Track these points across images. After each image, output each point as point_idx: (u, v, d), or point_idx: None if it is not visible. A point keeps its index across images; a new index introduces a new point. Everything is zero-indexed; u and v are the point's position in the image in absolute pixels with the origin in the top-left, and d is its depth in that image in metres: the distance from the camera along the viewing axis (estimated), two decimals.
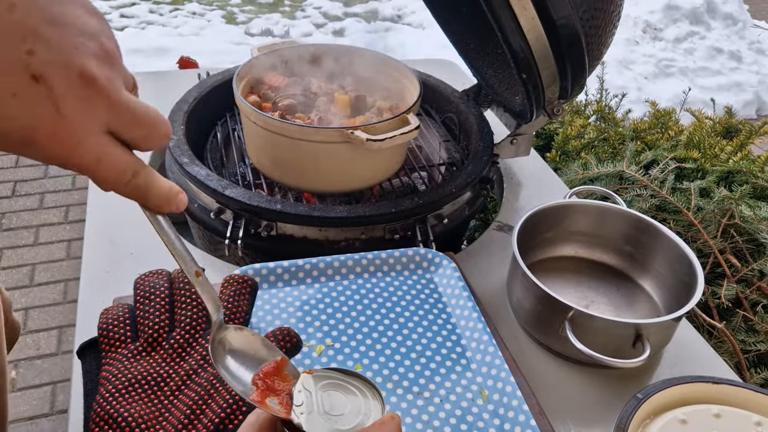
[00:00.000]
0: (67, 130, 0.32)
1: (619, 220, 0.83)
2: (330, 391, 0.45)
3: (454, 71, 1.38)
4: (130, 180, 0.37)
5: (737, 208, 1.10)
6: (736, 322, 1.01)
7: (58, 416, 1.55)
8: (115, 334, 0.57)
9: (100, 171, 0.35)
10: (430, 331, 0.68)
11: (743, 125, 1.46)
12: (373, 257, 0.75)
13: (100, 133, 0.34)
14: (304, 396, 0.44)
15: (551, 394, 0.68)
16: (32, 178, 2.34)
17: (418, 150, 1.01)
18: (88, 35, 0.33)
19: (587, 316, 0.67)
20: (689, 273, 0.73)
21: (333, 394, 0.45)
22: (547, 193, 1.03)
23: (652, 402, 0.60)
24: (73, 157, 0.33)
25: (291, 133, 0.81)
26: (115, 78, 0.34)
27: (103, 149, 0.34)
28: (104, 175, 0.35)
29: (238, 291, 0.61)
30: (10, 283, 1.88)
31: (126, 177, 0.36)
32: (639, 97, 3.04)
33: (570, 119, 1.51)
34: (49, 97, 0.31)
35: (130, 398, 0.52)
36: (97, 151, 0.34)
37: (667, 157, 1.24)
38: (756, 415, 0.60)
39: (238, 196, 0.80)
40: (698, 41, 3.88)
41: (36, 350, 1.70)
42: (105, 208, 0.90)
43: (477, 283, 0.80)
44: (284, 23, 3.90)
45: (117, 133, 0.35)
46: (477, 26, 0.96)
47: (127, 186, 0.37)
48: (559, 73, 0.79)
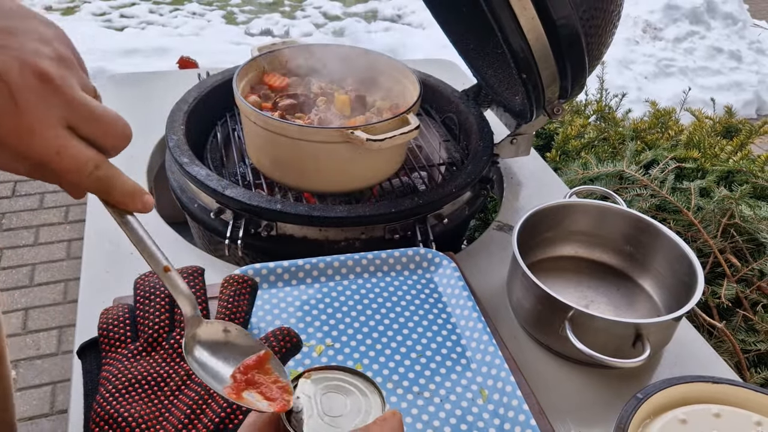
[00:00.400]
0: (26, 122, 0.35)
1: (619, 220, 0.83)
2: (329, 393, 0.45)
3: (454, 71, 1.38)
4: (92, 172, 0.38)
5: (737, 207, 1.10)
6: (736, 321, 1.01)
7: (58, 416, 1.55)
8: (115, 334, 0.57)
9: (62, 162, 0.37)
10: (430, 331, 0.68)
11: (743, 125, 1.46)
12: (373, 257, 0.75)
13: (58, 127, 0.36)
14: (302, 401, 0.44)
15: (551, 394, 0.68)
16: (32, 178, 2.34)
17: (418, 150, 1.01)
18: (44, 42, 0.36)
19: (587, 316, 0.67)
20: (689, 273, 0.73)
21: (332, 396, 0.45)
22: (547, 192, 1.03)
23: (652, 402, 0.60)
24: (34, 149, 0.36)
25: (291, 133, 0.81)
26: (70, 77, 0.37)
27: (61, 142, 0.36)
28: (65, 166, 0.37)
29: (238, 291, 0.62)
30: (10, 283, 1.88)
31: (88, 168, 0.38)
32: (639, 96, 3.04)
33: (570, 119, 1.51)
34: (8, 93, 0.34)
35: (130, 398, 0.52)
36: (56, 143, 0.36)
37: (667, 156, 1.24)
38: (756, 415, 0.60)
39: (238, 196, 0.80)
40: (698, 41, 3.87)
41: (36, 350, 1.70)
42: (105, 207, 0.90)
43: (477, 282, 0.80)
44: (284, 23, 3.90)
45: (76, 128, 0.37)
46: (477, 26, 0.96)
47: (89, 178, 0.38)
48: (559, 72, 0.79)
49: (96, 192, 0.40)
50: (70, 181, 0.39)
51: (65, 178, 0.38)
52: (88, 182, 0.39)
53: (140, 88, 1.19)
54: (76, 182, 0.39)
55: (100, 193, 0.40)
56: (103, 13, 3.90)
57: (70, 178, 0.38)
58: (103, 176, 0.39)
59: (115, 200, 0.41)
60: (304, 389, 0.45)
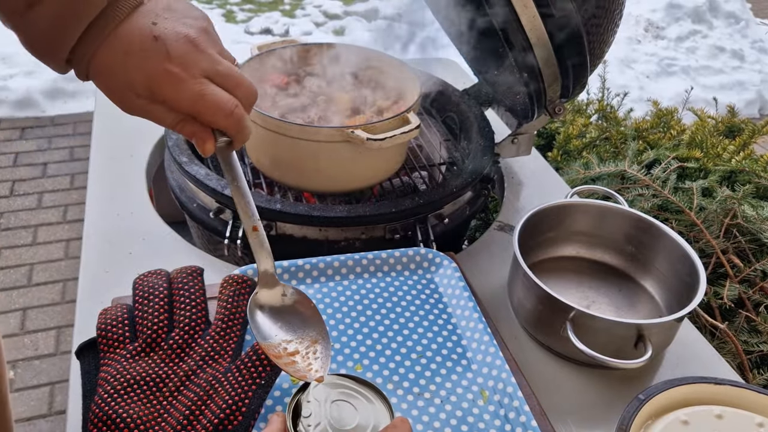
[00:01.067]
0: (176, 71, 0.45)
1: (620, 220, 0.82)
2: (339, 402, 0.44)
3: (455, 70, 1.38)
4: (233, 111, 0.48)
5: (740, 207, 1.10)
6: (739, 322, 1.01)
7: (57, 417, 1.54)
8: (113, 335, 0.57)
9: (206, 103, 0.47)
10: (430, 331, 0.67)
11: (746, 124, 1.46)
12: (374, 257, 0.74)
13: (200, 77, 0.47)
14: (313, 407, 0.43)
15: (552, 395, 0.68)
16: (30, 178, 2.34)
17: (419, 149, 1.00)
18: (192, 18, 0.48)
19: (588, 317, 0.67)
20: (691, 273, 0.73)
21: (342, 405, 0.44)
22: (548, 192, 1.03)
23: (654, 403, 0.60)
24: (183, 95, 0.46)
25: (291, 132, 0.80)
26: (211, 45, 0.48)
27: (204, 87, 0.47)
28: (209, 105, 0.47)
29: (237, 291, 0.61)
30: (8, 283, 1.88)
31: (229, 106, 0.48)
32: (641, 96, 3.04)
33: (571, 118, 1.50)
34: (164, 49, 0.45)
35: (128, 399, 0.52)
36: (200, 88, 0.46)
37: (669, 156, 1.24)
38: (758, 416, 0.60)
39: None
40: (700, 40, 3.87)
41: (34, 351, 1.70)
42: (104, 207, 0.89)
43: (478, 283, 0.80)
44: (284, 22, 3.89)
45: (213, 80, 0.47)
46: (478, 25, 0.95)
47: (229, 117, 0.48)
48: (560, 71, 0.78)
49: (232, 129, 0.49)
50: (212, 122, 0.48)
51: (207, 119, 0.48)
52: (227, 121, 0.48)
53: None
54: (216, 122, 0.48)
55: (234, 131, 0.49)
56: None
57: (212, 118, 0.48)
58: (239, 116, 0.48)
59: (243, 138, 0.50)
60: (316, 393, 0.44)
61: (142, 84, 0.45)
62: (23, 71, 2.85)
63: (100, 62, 0.45)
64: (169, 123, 0.48)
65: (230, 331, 0.58)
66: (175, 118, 0.48)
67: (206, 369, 0.55)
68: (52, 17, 0.42)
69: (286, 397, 0.58)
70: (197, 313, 0.59)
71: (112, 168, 0.98)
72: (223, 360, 0.56)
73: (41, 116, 2.70)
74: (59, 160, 2.44)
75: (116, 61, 0.45)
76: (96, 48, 0.44)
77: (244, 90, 0.49)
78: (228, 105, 0.47)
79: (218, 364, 0.56)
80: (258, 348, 0.54)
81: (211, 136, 0.49)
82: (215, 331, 0.58)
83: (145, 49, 0.45)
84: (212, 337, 0.57)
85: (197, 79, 0.46)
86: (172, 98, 0.46)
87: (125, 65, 0.45)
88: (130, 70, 0.45)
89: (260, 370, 0.53)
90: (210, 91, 0.47)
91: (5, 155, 2.44)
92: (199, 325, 0.58)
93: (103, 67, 0.45)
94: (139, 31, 0.45)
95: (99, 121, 1.11)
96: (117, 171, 0.97)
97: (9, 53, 2.93)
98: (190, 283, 0.61)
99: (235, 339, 0.58)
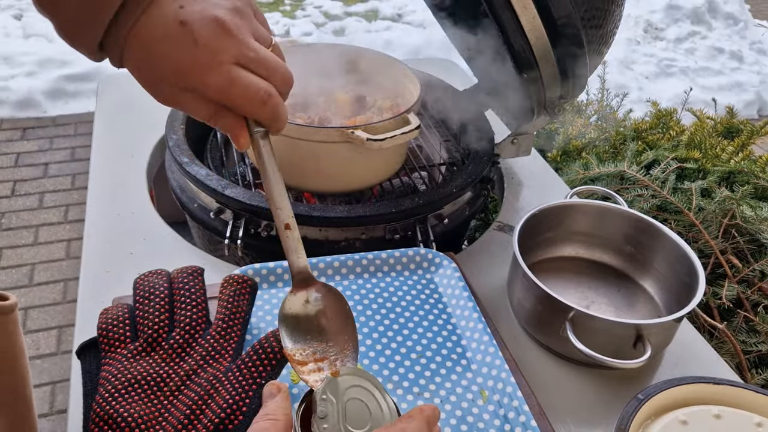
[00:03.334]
0: (203, 58, 0.42)
1: (619, 221, 0.83)
2: (354, 399, 0.44)
3: (455, 71, 1.38)
4: (266, 100, 0.45)
5: (738, 208, 1.10)
6: (737, 322, 1.01)
7: (58, 416, 1.54)
8: (114, 334, 0.57)
9: (237, 91, 0.44)
10: (430, 331, 0.68)
11: (744, 125, 1.46)
12: (373, 257, 0.75)
13: (230, 63, 0.43)
14: (327, 407, 0.43)
15: (552, 395, 0.68)
16: (32, 178, 2.34)
17: (419, 150, 1.01)
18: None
19: (588, 317, 0.67)
20: (690, 273, 0.73)
21: (356, 405, 0.44)
22: (547, 193, 1.03)
23: (652, 403, 0.60)
24: (211, 83, 0.43)
25: (291, 132, 0.81)
26: (244, 26, 0.44)
27: (234, 74, 0.44)
28: (241, 94, 0.44)
29: (237, 291, 0.61)
30: (9, 283, 1.88)
31: (261, 95, 0.45)
32: (640, 96, 3.04)
33: (571, 119, 1.50)
34: (191, 36, 0.42)
35: (129, 398, 0.52)
36: (229, 75, 0.43)
37: (668, 157, 1.24)
38: (757, 416, 0.60)
39: (238, 195, 0.80)
40: (699, 41, 3.87)
41: (35, 350, 1.70)
42: (105, 207, 0.90)
43: (477, 283, 0.80)
44: (284, 22, 3.90)
45: (245, 67, 0.44)
46: (478, 26, 0.95)
47: (264, 106, 0.45)
48: (560, 72, 0.79)
49: (266, 118, 0.46)
50: (245, 111, 0.45)
51: (239, 108, 0.45)
52: (261, 110, 0.45)
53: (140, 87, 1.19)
54: (250, 111, 0.45)
55: (269, 120, 0.47)
56: None
57: (245, 107, 0.45)
58: (274, 104, 0.46)
59: (280, 127, 0.48)
60: (330, 389, 0.44)
61: (171, 73, 0.43)
62: (24, 72, 2.85)
63: (130, 49, 0.43)
64: (203, 115, 0.46)
65: (230, 331, 0.58)
66: (209, 110, 0.46)
67: (207, 369, 0.56)
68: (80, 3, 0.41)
69: None
70: (198, 313, 0.59)
71: (113, 168, 0.98)
72: (224, 360, 0.56)
73: (42, 116, 2.70)
74: (60, 161, 2.44)
75: (144, 49, 0.43)
76: (127, 32, 0.42)
77: (279, 76, 0.46)
78: (261, 92, 0.45)
79: (219, 364, 0.56)
80: (258, 348, 0.55)
81: (244, 129, 0.47)
82: (216, 330, 0.58)
83: (170, 36, 0.42)
84: (213, 336, 0.58)
85: (226, 65, 0.43)
86: (201, 87, 0.44)
87: (152, 53, 0.43)
88: (158, 58, 0.43)
89: (261, 370, 0.54)
90: (241, 78, 0.44)
91: (7, 155, 2.44)
92: (200, 325, 0.58)
93: (133, 55, 0.43)
94: (164, 16, 0.42)
95: (100, 121, 1.11)
96: (118, 171, 0.98)
97: (10, 54, 2.94)
98: (191, 283, 0.62)
99: (236, 339, 0.58)
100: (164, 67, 0.43)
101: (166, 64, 0.43)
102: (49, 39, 3.07)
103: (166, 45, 0.42)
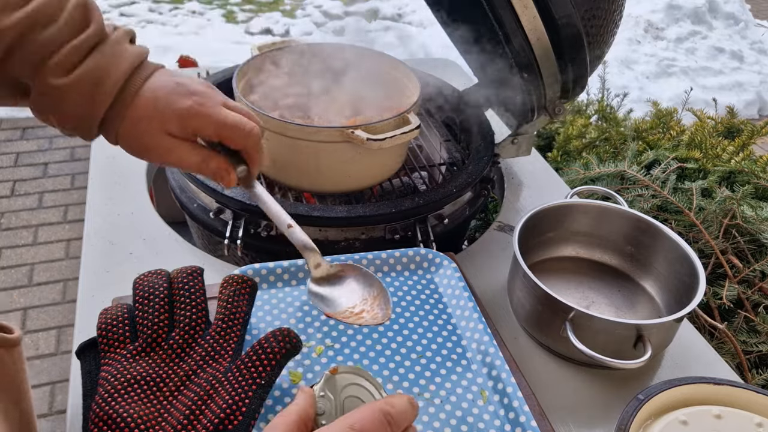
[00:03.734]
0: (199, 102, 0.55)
1: (620, 221, 0.82)
2: (351, 397, 0.44)
3: (455, 70, 1.38)
4: (252, 130, 0.56)
5: (739, 208, 1.10)
6: (738, 322, 1.01)
7: (57, 416, 1.54)
8: (114, 335, 0.57)
9: (228, 125, 0.54)
10: (430, 331, 0.68)
11: (745, 125, 1.46)
12: (373, 257, 0.75)
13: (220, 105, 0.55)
14: (326, 404, 0.43)
15: (552, 395, 0.68)
16: (31, 178, 2.34)
17: (419, 150, 1.01)
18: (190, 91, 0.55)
19: (588, 317, 0.67)
20: (690, 273, 0.73)
21: (353, 402, 0.44)
22: (548, 193, 1.03)
23: (653, 403, 0.60)
24: (207, 120, 0.54)
25: (291, 132, 0.80)
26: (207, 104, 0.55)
27: (225, 112, 0.55)
28: (231, 127, 0.55)
29: (237, 291, 0.61)
30: (9, 283, 1.88)
31: (249, 126, 0.56)
32: (640, 96, 3.04)
33: (571, 119, 1.50)
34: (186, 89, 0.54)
35: (129, 398, 0.52)
36: (222, 114, 0.55)
37: (669, 157, 1.24)
38: (757, 416, 0.60)
39: (238, 195, 0.80)
40: (700, 41, 3.87)
41: (35, 350, 1.70)
42: (104, 207, 0.89)
43: (477, 283, 0.80)
44: (284, 22, 3.90)
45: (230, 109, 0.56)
46: (478, 25, 0.95)
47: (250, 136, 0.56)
48: (560, 72, 0.79)
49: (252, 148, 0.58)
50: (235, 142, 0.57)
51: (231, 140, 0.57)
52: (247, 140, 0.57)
53: None
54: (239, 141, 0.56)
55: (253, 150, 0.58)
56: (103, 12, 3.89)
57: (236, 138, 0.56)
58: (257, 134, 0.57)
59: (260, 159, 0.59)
60: (329, 387, 0.44)
61: (173, 120, 0.53)
62: None
63: (131, 118, 0.53)
64: (194, 161, 0.55)
65: (230, 331, 0.58)
66: (199, 156, 0.55)
67: (206, 369, 0.56)
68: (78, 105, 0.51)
69: (287, 397, 0.58)
70: (197, 313, 0.59)
71: (112, 168, 0.98)
72: (224, 360, 0.56)
73: None
74: (60, 160, 2.44)
75: (148, 108, 0.52)
76: (123, 115, 0.52)
77: (252, 117, 0.57)
78: (247, 124, 0.55)
79: (218, 364, 0.56)
80: (258, 348, 0.55)
81: (231, 167, 0.57)
82: (215, 331, 0.58)
83: (171, 92, 0.53)
84: (212, 337, 0.57)
85: (218, 107, 0.55)
86: (199, 127, 0.54)
87: (157, 107, 0.53)
88: (162, 109, 0.53)
89: (260, 370, 0.53)
90: (231, 115, 0.55)
91: (6, 155, 2.44)
92: (200, 325, 0.58)
93: (134, 119, 0.53)
94: (162, 82, 0.54)
95: None
96: (117, 171, 0.98)
97: None
98: (191, 283, 0.61)
99: (235, 339, 0.58)
100: (168, 116, 0.53)
101: (169, 112, 0.53)
102: None
103: (168, 99, 0.53)
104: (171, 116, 0.53)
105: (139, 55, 0.54)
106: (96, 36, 0.52)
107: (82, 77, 0.51)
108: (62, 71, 0.50)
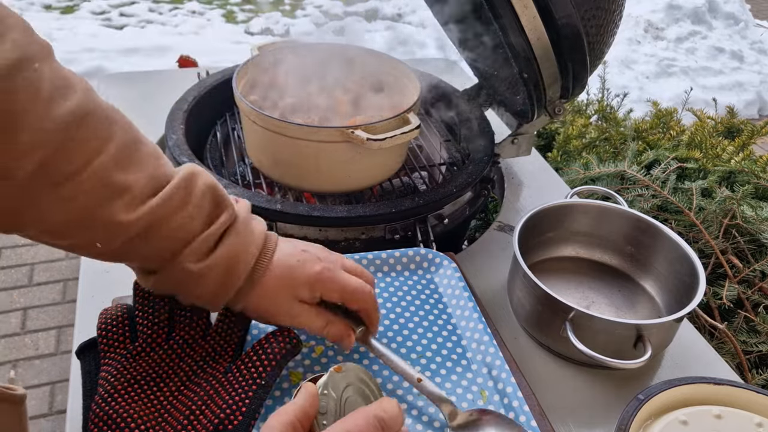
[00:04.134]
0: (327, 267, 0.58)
1: (620, 221, 0.82)
2: (352, 396, 0.44)
3: (455, 70, 1.38)
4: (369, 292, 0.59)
5: (739, 208, 1.10)
6: (738, 323, 1.01)
7: (57, 416, 1.55)
8: (114, 335, 0.57)
9: (351, 289, 0.57)
10: (430, 331, 0.68)
11: (745, 125, 1.46)
12: (373, 257, 0.75)
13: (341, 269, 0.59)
14: (329, 403, 0.43)
15: (552, 395, 0.68)
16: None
17: (419, 150, 1.01)
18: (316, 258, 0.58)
19: (588, 317, 0.67)
20: (690, 273, 0.73)
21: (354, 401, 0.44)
22: (548, 193, 1.03)
23: (653, 403, 0.60)
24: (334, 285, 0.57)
25: (291, 132, 0.80)
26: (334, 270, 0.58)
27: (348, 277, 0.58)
28: (352, 291, 0.58)
29: None
30: (9, 283, 1.88)
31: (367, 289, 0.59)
32: (640, 96, 3.04)
33: (571, 119, 1.50)
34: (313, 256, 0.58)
35: (129, 398, 0.52)
36: (346, 279, 0.58)
37: (669, 157, 1.24)
38: (757, 416, 0.60)
39: (238, 195, 0.80)
40: (700, 41, 3.87)
41: (35, 350, 1.70)
42: None
43: (477, 283, 0.80)
44: (284, 22, 3.90)
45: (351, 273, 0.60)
46: (478, 25, 0.95)
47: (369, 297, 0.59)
48: (560, 72, 0.78)
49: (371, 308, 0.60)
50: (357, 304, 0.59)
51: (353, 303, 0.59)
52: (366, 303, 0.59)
53: (140, 87, 1.19)
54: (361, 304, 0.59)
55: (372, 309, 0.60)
56: (103, 12, 3.90)
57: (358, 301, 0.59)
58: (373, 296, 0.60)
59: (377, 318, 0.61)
60: (332, 383, 0.44)
61: (305, 286, 0.56)
62: None
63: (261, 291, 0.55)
64: (318, 326, 0.57)
65: (230, 332, 0.58)
66: (322, 320, 0.57)
67: (206, 369, 0.56)
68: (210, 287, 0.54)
69: (287, 397, 0.58)
70: (198, 313, 0.59)
71: None
72: (224, 360, 0.56)
73: None
74: None
75: (283, 278, 0.55)
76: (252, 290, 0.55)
77: (366, 277, 0.61)
78: (366, 288, 0.58)
79: (218, 365, 0.56)
80: (258, 348, 0.55)
81: (351, 330, 0.59)
82: (216, 331, 0.58)
83: (301, 260, 0.57)
84: (212, 337, 0.58)
85: (340, 271, 0.58)
86: (326, 291, 0.57)
87: (291, 275, 0.56)
88: (295, 276, 0.56)
89: (260, 370, 0.53)
90: (353, 280, 0.58)
91: None
92: (200, 326, 0.58)
93: (264, 292, 0.55)
94: (290, 251, 0.57)
95: None
96: None
97: None
98: None
99: (236, 339, 0.58)
100: (300, 281, 0.56)
101: (301, 278, 0.56)
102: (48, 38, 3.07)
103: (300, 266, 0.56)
104: (304, 283, 0.56)
105: (261, 232, 0.57)
106: (228, 222, 0.54)
107: (217, 262, 0.53)
108: (196, 257, 0.52)
